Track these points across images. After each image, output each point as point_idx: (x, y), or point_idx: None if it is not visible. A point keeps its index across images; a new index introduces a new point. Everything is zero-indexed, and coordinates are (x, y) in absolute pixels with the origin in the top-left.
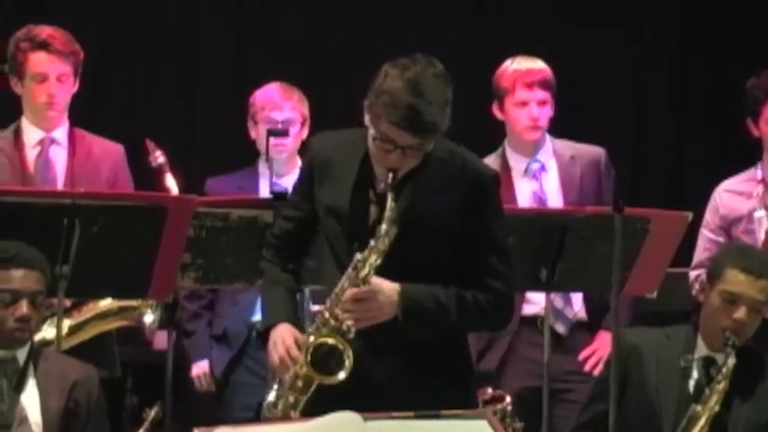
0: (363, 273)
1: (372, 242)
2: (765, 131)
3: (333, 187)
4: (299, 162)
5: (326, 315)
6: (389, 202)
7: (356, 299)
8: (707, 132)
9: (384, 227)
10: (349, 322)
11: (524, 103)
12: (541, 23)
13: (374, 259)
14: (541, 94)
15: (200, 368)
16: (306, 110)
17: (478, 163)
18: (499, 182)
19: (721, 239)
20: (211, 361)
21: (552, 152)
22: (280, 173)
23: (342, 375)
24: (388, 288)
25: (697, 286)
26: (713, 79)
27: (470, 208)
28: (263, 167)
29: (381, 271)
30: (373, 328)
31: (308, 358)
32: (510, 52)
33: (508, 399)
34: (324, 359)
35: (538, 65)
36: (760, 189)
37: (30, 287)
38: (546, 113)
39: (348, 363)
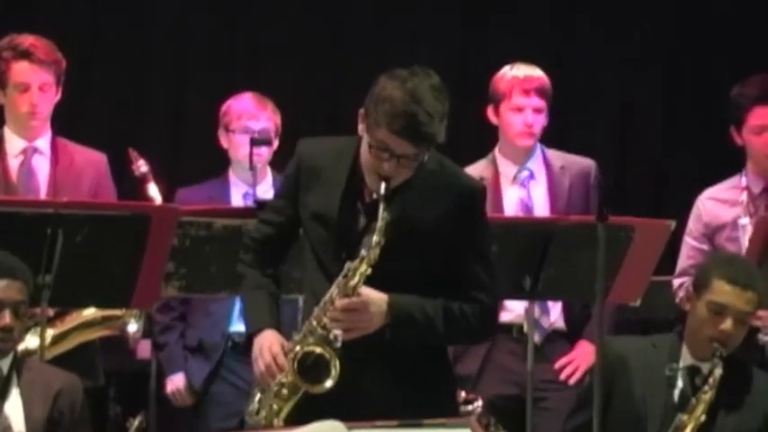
0: (353, 282)
1: (363, 252)
2: (749, 140)
3: (320, 194)
4: (269, 172)
5: (314, 323)
6: (381, 212)
7: (347, 309)
8: (691, 141)
9: (375, 237)
10: (337, 332)
11: (520, 109)
12: (529, 32)
13: (364, 269)
14: (537, 102)
15: (174, 384)
16: (279, 120)
17: (466, 176)
18: (486, 194)
19: (705, 247)
20: (187, 373)
21: (542, 161)
22: (250, 182)
23: (328, 384)
24: (378, 299)
25: (681, 294)
26: (699, 87)
27: (459, 220)
28: (234, 177)
29: (369, 280)
30: (358, 337)
31: (295, 367)
32: (497, 63)
33: (479, 401)
34: (310, 368)
35: (536, 72)
36: (745, 196)
37: (12, 297)
38: (540, 121)
39: (335, 372)
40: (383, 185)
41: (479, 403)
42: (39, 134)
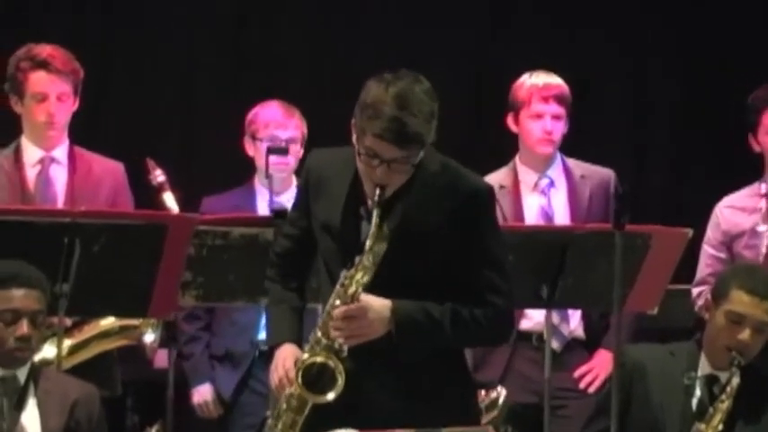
0: (351, 290)
1: (357, 259)
2: (764, 141)
3: (326, 204)
4: (294, 180)
5: (319, 334)
6: (375, 218)
7: (346, 316)
8: (710, 148)
9: (369, 243)
10: (340, 340)
11: (539, 116)
12: (542, 40)
13: (360, 276)
14: (557, 109)
15: (201, 395)
16: (305, 129)
17: (472, 176)
18: (494, 195)
19: (723, 255)
20: (215, 384)
21: (562, 169)
22: (277, 190)
23: (331, 395)
24: (379, 305)
25: (699, 303)
26: (716, 95)
27: (464, 222)
28: (259, 185)
29: (377, 287)
30: (368, 346)
31: (300, 377)
32: (510, 72)
33: (499, 388)
34: (316, 378)
35: (555, 80)
36: (763, 204)
37: (30, 306)
38: (559, 128)
39: (340, 381)
40: (377, 192)
41: (501, 390)
42: (56, 144)
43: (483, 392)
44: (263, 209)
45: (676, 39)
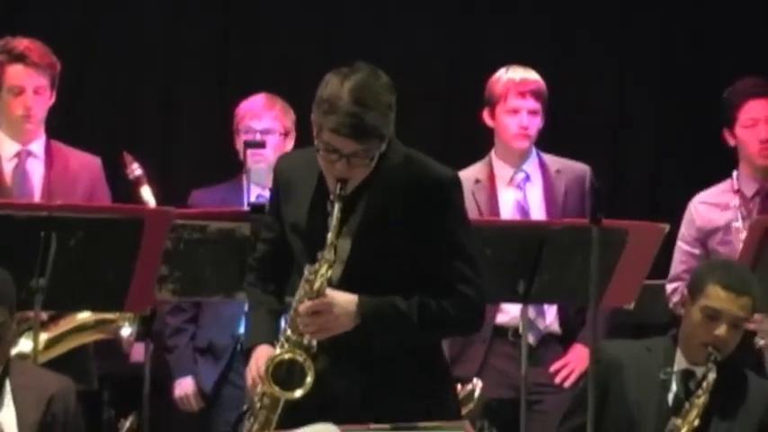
0: (316, 285)
1: (320, 254)
2: (741, 135)
3: (294, 205)
4: None
5: (288, 331)
6: (336, 212)
7: (312, 311)
8: (686, 144)
9: (330, 236)
10: (308, 335)
11: (515, 111)
12: (522, 35)
13: (324, 270)
14: (533, 104)
15: (182, 388)
16: (289, 121)
17: (436, 166)
18: (459, 185)
19: (697, 252)
20: (196, 377)
21: (538, 164)
22: (263, 184)
23: (300, 391)
24: (344, 299)
25: (674, 299)
26: (692, 91)
27: (429, 212)
28: (247, 179)
29: (347, 285)
30: (338, 342)
31: (269, 374)
32: (491, 69)
33: (475, 380)
34: (287, 375)
35: (532, 75)
36: (736, 200)
37: None
38: (536, 123)
39: (309, 377)
40: (338, 186)
41: (477, 382)
42: (33, 137)
43: (459, 386)
44: None
45: (657, 35)
